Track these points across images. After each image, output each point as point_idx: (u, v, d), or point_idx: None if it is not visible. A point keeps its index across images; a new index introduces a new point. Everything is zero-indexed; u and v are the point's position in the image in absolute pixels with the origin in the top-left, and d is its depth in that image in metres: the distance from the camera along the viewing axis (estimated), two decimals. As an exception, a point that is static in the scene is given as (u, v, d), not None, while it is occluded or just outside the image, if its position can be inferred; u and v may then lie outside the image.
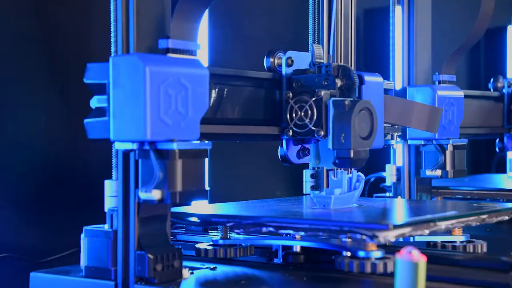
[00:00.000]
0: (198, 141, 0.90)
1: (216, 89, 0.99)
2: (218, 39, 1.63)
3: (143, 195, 0.88)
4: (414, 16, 1.43)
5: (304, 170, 1.31)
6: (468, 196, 1.51)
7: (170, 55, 0.90)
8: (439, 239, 1.02)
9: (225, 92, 1.00)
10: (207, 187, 0.91)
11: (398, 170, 1.48)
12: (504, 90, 1.63)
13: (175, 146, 0.87)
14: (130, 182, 0.92)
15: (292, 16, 1.83)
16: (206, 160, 0.91)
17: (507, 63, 2.36)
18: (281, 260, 1.03)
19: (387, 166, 1.50)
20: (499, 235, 1.41)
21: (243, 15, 1.72)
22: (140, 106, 0.85)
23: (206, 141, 0.91)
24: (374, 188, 1.70)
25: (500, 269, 0.86)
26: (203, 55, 1.58)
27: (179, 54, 0.91)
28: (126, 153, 0.92)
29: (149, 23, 0.92)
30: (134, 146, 0.88)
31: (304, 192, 1.32)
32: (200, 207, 1.13)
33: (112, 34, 0.93)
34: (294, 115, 1.04)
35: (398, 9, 1.47)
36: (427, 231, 0.92)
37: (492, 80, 1.66)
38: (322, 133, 1.01)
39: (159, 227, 0.94)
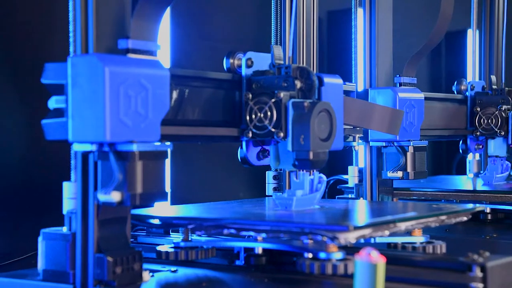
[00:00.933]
0: (159, 143, 0.89)
1: (177, 90, 0.99)
2: (181, 39, 1.63)
3: (102, 197, 0.87)
4: (375, 18, 1.44)
5: (266, 172, 1.31)
6: (423, 197, 1.53)
7: (130, 55, 0.90)
8: (399, 240, 1.03)
9: (185, 93, 1.00)
10: (167, 189, 0.91)
11: (360, 171, 1.49)
12: (468, 93, 1.66)
13: (135, 147, 0.86)
14: (89, 184, 0.90)
15: (256, 16, 1.83)
16: (167, 161, 0.90)
17: (467, 66, 2.40)
18: (243, 262, 1.03)
19: (349, 167, 1.50)
20: (458, 236, 1.43)
21: (206, 15, 1.72)
22: (99, 107, 0.84)
23: (167, 143, 0.90)
24: (334, 190, 1.71)
25: (458, 269, 0.87)
26: (165, 56, 1.57)
27: (139, 54, 0.90)
28: (85, 155, 0.91)
29: (109, 23, 0.90)
30: (93, 147, 0.87)
31: (266, 194, 1.32)
32: (161, 209, 1.12)
33: (71, 34, 0.91)
34: (253, 116, 1.04)
35: (360, 12, 1.48)
36: (387, 232, 0.93)
37: (456, 83, 1.68)
38: (282, 134, 1.01)
39: (119, 229, 0.92)
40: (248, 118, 1.04)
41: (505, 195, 1.47)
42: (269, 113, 1.02)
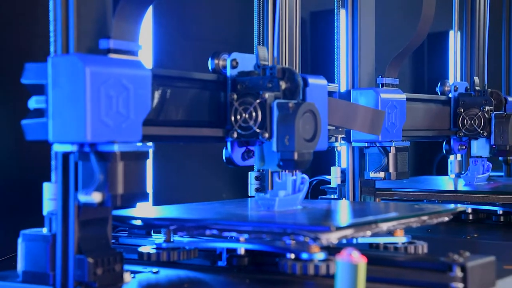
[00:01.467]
0: (140, 143, 0.89)
1: (160, 91, 0.98)
2: (163, 39, 1.62)
3: (83, 198, 0.86)
4: (358, 19, 1.44)
5: (249, 172, 1.31)
6: (405, 198, 1.54)
7: (111, 55, 0.89)
8: (381, 240, 1.03)
9: (168, 94, 0.99)
10: (148, 190, 0.90)
11: (343, 172, 1.50)
12: (451, 94, 1.67)
13: (116, 148, 0.85)
14: (69, 184, 0.90)
15: (239, 16, 1.83)
16: (149, 162, 0.90)
17: (449, 67, 2.41)
18: (225, 263, 1.03)
19: (332, 168, 1.51)
20: (440, 236, 1.44)
21: (188, 15, 1.71)
22: (80, 107, 0.83)
23: (149, 143, 0.90)
24: (317, 190, 1.71)
25: (439, 269, 0.87)
26: (147, 56, 1.56)
27: (120, 54, 0.90)
28: (65, 155, 0.90)
29: (90, 22, 0.90)
30: (74, 148, 0.86)
31: (249, 194, 1.32)
32: (143, 210, 1.12)
33: (52, 34, 0.90)
34: (238, 117, 1.03)
35: (342, 13, 1.49)
36: (369, 233, 0.93)
37: (439, 84, 1.69)
38: (267, 135, 1.01)
39: (100, 230, 0.92)
40: (233, 118, 1.04)
41: (486, 195, 1.48)
42: (254, 114, 1.02)
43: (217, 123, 1.06)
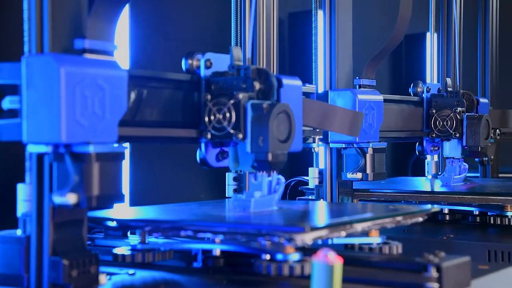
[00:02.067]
0: (116, 144, 0.88)
1: (136, 91, 0.98)
2: (140, 39, 1.61)
3: (57, 199, 0.86)
4: (335, 20, 1.45)
5: (226, 173, 1.31)
6: (383, 199, 1.54)
7: (87, 55, 0.88)
8: (356, 241, 1.03)
9: (144, 94, 0.99)
10: (124, 191, 0.90)
11: (321, 173, 1.50)
12: (424, 95, 1.68)
13: (91, 148, 0.85)
14: (44, 186, 0.89)
15: (217, 16, 1.83)
16: (126, 162, 0.90)
17: (427, 68, 2.43)
18: (201, 264, 1.02)
19: (310, 169, 1.51)
20: (416, 237, 1.45)
21: (166, 15, 1.71)
22: (54, 107, 0.83)
23: (124, 144, 0.89)
24: (296, 191, 1.72)
25: (414, 269, 0.88)
26: (124, 56, 1.56)
27: (95, 54, 0.89)
28: (40, 156, 0.89)
29: (65, 22, 0.89)
30: (49, 148, 0.85)
31: (226, 195, 1.32)
32: (119, 211, 1.11)
33: (26, 33, 0.90)
34: (212, 117, 1.03)
35: (320, 14, 1.49)
36: (344, 233, 0.94)
37: (412, 85, 1.70)
38: (241, 136, 1.00)
39: (75, 232, 0.91)
40: (207, 119, 1.04)
41: (463, 196, 1.49)
42: (228, 115, 1.01)
43: (191, 124, 1.05)
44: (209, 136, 1.03)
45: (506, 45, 2.32)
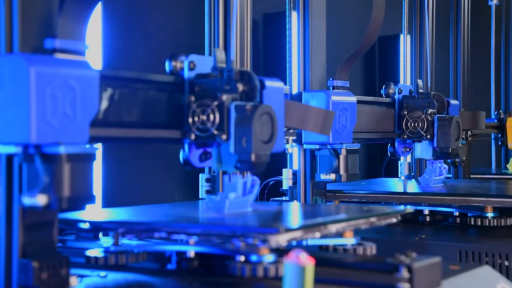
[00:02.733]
0: (87, 145, 0.87)
1: (112, 92, 0.96)
2: (113, 39, 1.60)
3: (27, 200, 0.84)
4: (309, 22, 1.45)
5: (199, 175, 1.30)
6: (364, 200, 1.55)
7: (57, 55, 0.87)
8: (331, 242, 1.03)
9: (123, 95, 0.98)
10: (96, 192, 0.89)
11: (295, 174, 1.50)
12: (396, 96, 1.69)
13: (62, 149, 0.84)
14: (14, 187, 0.87)
15: (190, 16, 1.82)
16: (99, 163, 0.89)
17: (400, 70, 2.45)
18: (175, 266, 1.02)
19: (284, 170, 1.51)
20: (390, 237, 1.46)
21: (139, 15, 1.70)
22: (24, 108, 0.81)
23: (96, 145, 0.88)
24: (273, 192, 1.72)
25: (386, 270, 0.88)
26: (97, 56, 1.54)
27: (66, 54, 0.88)
28: (9, 157, 0.88)
29: (35, 21, 0.88)
30: (18, 149, 0.84)
31: (200, 197, 1.31)
32: (92, 212, 1.10)
33: (-5, 33, 0.88)
34: (196, 118, 1.03)
35: (294, 15, 1.49)
36: (318, 234, 0.94)
37: (384, 86, 1.71)
38: (224, 137, 1.01)
39: (45, 234, 0.90)
40: (190, 120, 1.04)
41: (444, 197, 1.50)
42: (211, 116, 1.02)
43: (174, 125, 1.05)
44: (193, 137, 1.04)
45: (477, 47, 2.35)
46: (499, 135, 2.36)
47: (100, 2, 1.26)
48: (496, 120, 2.37)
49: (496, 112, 2.41)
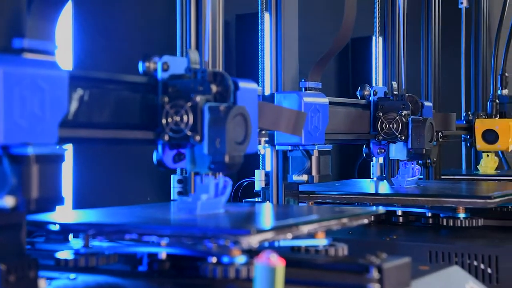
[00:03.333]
0: (57, 146, 0.86)
1: (84, 92, 0.95)
2: (84, 39, 1.59)
3: (-5, 202, 0.83)
4: (281, 23, 1.45)
5: (171, 176, 1.30)
6: (338, 201, 1.56)
7: (26, 55, 0.86)
8: (303, 243, 1.03)
9: (95, 96, 0.96)
10: (66, 193, 0.88)
11: (267, 175, 1.50)
12: (371, 98, 1.70)
13: (30, 150, 0.83)
14: (-19, 188, 0.86)
15: (162, 17, 1.81)
16: (69, 164, 0.88)
17: (372, 72, 2.46)
18: (146, 267, 1.01)
19: (256, 171, 1.51)
20: (362, 238, 1.46)
21: (110, 15, 1.68)
22: (-8, 108, 0.80)
23: (65, 146, 0.87)
24: (248, 193, 1.71)
25: (356, 271, 0.89)
26: (67, 56, 1.53)
27: (35, 54, 0.87)
28: (-24, 158, 0.86)
29: (3, 20, 0.86)
30: (-15, 150, 0.83)
31: (171, 198, 1.30)
32: (62, 214, 1.09)
33: (-38, 32, 0.87)
34: (170, 120, 1.03)
35: (266, 16, 1.49)
36: (290, 235, 0.94)
37: (359, 88, 1.72)
38: (198, 138, 1.01)
39: (13, 236, 0.89)
40: (164, 121, 1.04)
41: (416, 198, 1.51)
42: (185, 117, 1.01)
43: (148, 126, 1.05)
44: (166, 138, 1.03)
45: (447, 49, 2.37)
46: (468, 137, 2.38)
47: (71, 2, 1.25)
48: (464, 122, 2.39)
49: (464, 114, 2.44)
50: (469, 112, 2.42)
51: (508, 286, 1.28)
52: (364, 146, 1.72)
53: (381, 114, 1.67)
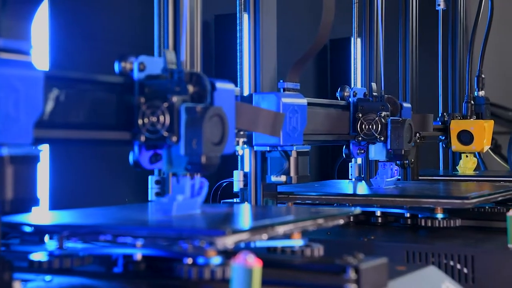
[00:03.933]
0: (32, 147, 0.86)
1: (58, 93, 0.95)
2: (61, 39, 1.57)
3: (-32, 203, 0.82)
4: (260, 23, 1.45)
5: (149, 176, 1.29)
6: (317, 202, 1.56)
7: (0, 55, 0.85)
8: (279, 244, 1.03)
9: (69, 96, 0.96)
10: (42, 194, 0.87)
11: (246, 176, 1.50)
12: (350, 99, 1.71)
13: (4, 151, 0.82)
14: (-46, 190, 0.85)
15: (140, 17, 1.80)
16: (45, 165, 0.87)
17: (351, 73, 2.47)
18: (121, 269, 1.00)
19: (235, 172, 1.51)
20: (340, 238, 1.47)
21: (87, 15, 1.67)
22: (-36, 108, 0.79)
23: (40, 146, 0.87)
24: (227, 193, 1.71)
25: (333, 271, 0.89)
26: (43, 56, 1.51)
27: (10, 54, 0.86)
28: (-51, 159, 0.85)
29: (-24, 19, 0.86)
30: (-41, 151, 0.82)
31: (149, 199, 1.30)
32: (38, 215, 1.08)
33: None
34: (146, 120, 1.03)
35: (245, 17, 1.49)
36: (265, 236, 0.94)
37: (339, 89, 1.72)
38: (175, 138, 1.01)
39: (-13, 237, 0.88)
40: (140, 122, 1.03)
41: (395, 198, 1.52)
42: (161, 118, 1.01)
43: (124, 126, 1.04)
44: (142, 138, 1.03)
45: (425, 50, 2.39)
46: (443, 138, 2.40)
47: (47, 0, 1.24)
48: (440, 123, 2.41)
49: (440, 115, 2.46)
50: (445, 113, 2.43)
51: (484, 285, 1.29)
52: (344, 147, 1.72)
53: (360, 115, 1.68)
